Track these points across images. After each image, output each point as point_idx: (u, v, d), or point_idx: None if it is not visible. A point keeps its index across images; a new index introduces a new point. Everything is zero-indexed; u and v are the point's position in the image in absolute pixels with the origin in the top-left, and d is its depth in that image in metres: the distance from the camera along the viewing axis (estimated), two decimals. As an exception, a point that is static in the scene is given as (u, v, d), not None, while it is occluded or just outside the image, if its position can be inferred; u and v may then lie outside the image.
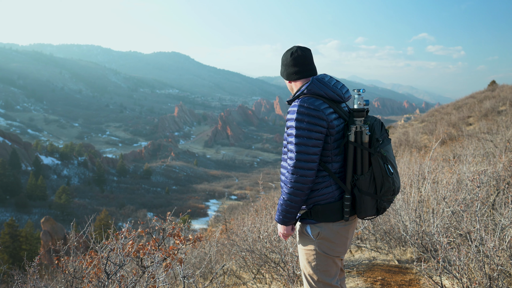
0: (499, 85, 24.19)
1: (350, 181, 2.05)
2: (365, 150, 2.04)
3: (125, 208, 57.89)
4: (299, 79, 2.19)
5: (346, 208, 2.06)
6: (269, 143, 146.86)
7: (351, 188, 2.06)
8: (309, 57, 2.18)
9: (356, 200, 2.06)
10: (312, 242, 2.13)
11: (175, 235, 3.47)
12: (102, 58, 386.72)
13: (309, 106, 2.00)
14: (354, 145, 2.04)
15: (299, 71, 2.18)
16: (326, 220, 2.07)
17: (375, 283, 3.67)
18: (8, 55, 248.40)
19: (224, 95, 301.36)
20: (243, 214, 10.04)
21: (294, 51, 2.17)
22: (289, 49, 2.21)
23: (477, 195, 3.52)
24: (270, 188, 38.56)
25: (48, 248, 4.96)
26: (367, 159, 2.04)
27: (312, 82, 2.08)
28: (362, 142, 2.04)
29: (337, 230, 2.10)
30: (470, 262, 2.95)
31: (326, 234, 2.09)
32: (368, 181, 2.03)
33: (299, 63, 2.17)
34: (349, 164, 2.05)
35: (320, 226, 2.09)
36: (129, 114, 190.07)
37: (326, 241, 2.09)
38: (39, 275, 3.40)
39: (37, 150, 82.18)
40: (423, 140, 16.12)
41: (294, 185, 1.99)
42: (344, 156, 2.09)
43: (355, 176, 2.05)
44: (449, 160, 6.85)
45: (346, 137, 2.06)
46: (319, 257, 2.12)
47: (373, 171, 2.03)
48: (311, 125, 1.98)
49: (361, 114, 2.05)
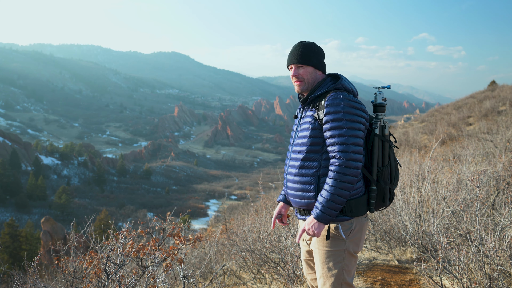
0: (499, 85, 24.18)
1: (375, 173, 2.10)
2: (386, 143, 2.13)
3: (125, 208, 57.87)
4: (325, 72, 2.23)
5: (372, 199, 2.09)
6: (269, 143, 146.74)
7: (376, 180, 2.11)
8: None
9: (379, 191, 2.11)
10: (341, 242, 2.07)
11: (175, 235, 3.47)
12: (102, 58, 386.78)
13: (354, 100, 2.05)
14: (380, 138, 2.12)
15: (325, 65, 2.23)
16: (358, 214, 2.07)
17: (375, 283, 3.67)
18: (8, 55, 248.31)
19: (224, 95, 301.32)
20: (243, 214, 10.05)
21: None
22: (309, 42, 2.21)
23: (477, 195, 3.51)
24: (270, 188, 38.54)
25: (48, 248, 4.96)
26: (387, 151, 2.14)
27: (342, 78, 2.15)
28: (384, 135, 2.14)
29: (363, 225, 2.12)
30: (470, 262, 2.95)
31: (357, 230, 2.09)
32: (388, 172, 2.13)
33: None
34: (376, 156, 2.11)
35: (351, 223, 2.07)
36: (129, 114, 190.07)
37: (355, 238, 2.09)
38: (39, 275, 3.40)
39: (37, 150, 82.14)
40: (423, 140, 16.12)
41: (347, 179, 1.95)
42: (368, 149, 2.14)
43: (378, 168, 2.11)
44: (449, 160, 6.85)
45: (373, 131, 2.13)
46: (348, 257, 2.08)
47: (390, 163, 2.15)
48: (359, 117, 2.02)
49: (383, 109, 2.17)
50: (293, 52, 2.20)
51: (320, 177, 2.06)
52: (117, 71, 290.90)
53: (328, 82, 2.15)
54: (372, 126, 2.15)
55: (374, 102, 2.21)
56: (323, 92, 2.11)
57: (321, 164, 2.06)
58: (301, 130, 2.16)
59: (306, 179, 2.08)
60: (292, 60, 2.19)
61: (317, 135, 2.08)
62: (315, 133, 2.08)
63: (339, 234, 2.06)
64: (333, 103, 2.01)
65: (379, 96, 2.20)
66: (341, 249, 2.07)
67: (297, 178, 2.11)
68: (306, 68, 2.16)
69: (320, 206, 1.99)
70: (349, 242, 2.07)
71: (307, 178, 2.08)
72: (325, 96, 2.08)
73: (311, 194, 2.07)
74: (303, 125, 2.15)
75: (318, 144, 2.08)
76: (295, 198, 2.16)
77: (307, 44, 2.19)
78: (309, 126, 2.10)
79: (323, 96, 2.10)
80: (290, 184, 2.17)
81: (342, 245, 2.07)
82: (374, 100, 2.21)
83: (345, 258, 2.07)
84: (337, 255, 2.07)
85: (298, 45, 2.19)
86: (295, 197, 2.15)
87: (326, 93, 2.10)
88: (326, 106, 2.03)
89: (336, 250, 2.07)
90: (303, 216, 2.18)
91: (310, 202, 2.08)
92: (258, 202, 8.90)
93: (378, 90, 2.21)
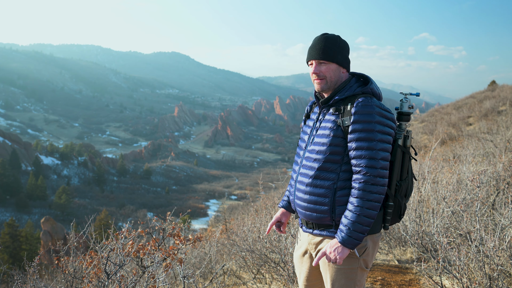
0: (499, 85, 24.16)
1: (394, 187, 1.90)
2: (406, 155, 1.92)
3: (125, 208, 57.87)
4: (349, 70, 1.99)
5: (388, 216, 1.90)
6: (269, 143, 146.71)
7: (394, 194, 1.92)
8: None
9: (395, 206, 1.93)
10: (355, 260, 1.90)
11: (175, 235, 3.47)
12: (102, 58, 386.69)
13: (386, 109, 1.83)
14: (402, 150, 1.91)
15: (349, 62, 1.98)
16: (373, 232, 1.89)
17: (375, 283, 3.67)
18: (8, 55, 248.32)
19: (224, 95, 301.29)
20: (243, 214, 10.05)
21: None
22: (334, 34, 1.94)
23: (477, 195, 3.52)
24: (270, 188, 38.54)
25: (48, 248, 4.97)
26: (407, 164, 1.93)
27: (372, 81, 1.93)
28: (406, 146, 1.93)
29: (377, 241, 1.96)
30: (470, 262, 2.95)
31: (371, 248, 1.92)
32: (406, 186, 1.94)
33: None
34: (397, 169, 1.89)
35: (366, 240, 1.89)
36: (129, 114, 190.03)
37: (369, 255, 1.93)
38: (39, 275, 3.40)
39: (37, 150, 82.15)
40: (423, 140, 16.11)
41: (374, 197, 1.76)
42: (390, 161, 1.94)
43: (397, 182, 1.91)
44: (449, 160, 6.85)
45: (396, 142, 1.90)
46: (360, 272, 1.93)
47: (408, 176, 1.96)
48: (389, 129, 1.82)
49: (409, 118, 1.94)
50: (315, 45, 1.92)
51: (336, 190, 1.85)
52: (117, 71, 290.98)
53: (354, 83, 1.93)
54: (396, 136, 1.92)
55: (399, 109, 1.97)
56: (349, 96, 1.89)
57: (339, 176, 1.85)
58: (319, 136, 1.92)
59: (321, 192, 1.87)
60: (314, 55, 1.91)
61: (338, 143, 1.85)
62: (337, 141, 1.85)
63: (353, 253, 1.89)
64: (363, 111, 1.79)
65: (405, 103, 1.96)
66: (354, 267, 1.91)
67: (310, 189, 1.90)
68: (329, 65, 1.90)
69: (345, 229, 1.78)
70: (362, 261, 1.92)
71: (322, 191, 1.87)
72: (352, 100, 1.85)
73: (325, 208, 1.87)
74: (322, 130, 1.91)
75: (339, 154, 1.85)
76: (305, 210, 1.95)
77: (331, 37, 1.91)
78: (329, 133, 1.87)
79: (349, 100, 1.87)
80: (300, 195, 1.95)
81: (355, 264, 1.90)
82: (400, 107, 1.98)
83: (357, 275, 1.92)
84: (349, 272, 1.91)
85: (321, 38, 1.92)
86: (306, 209, 1.94)
87: (352, 97, 1.87)
88: (354, 113, 1.80)
89: (349, 268, 1.91)
90: (310, 230, 1.98)
91: (324, 216, 1.89)
92: (258, 202, 8.90)
93: (405, 97, 1.98)
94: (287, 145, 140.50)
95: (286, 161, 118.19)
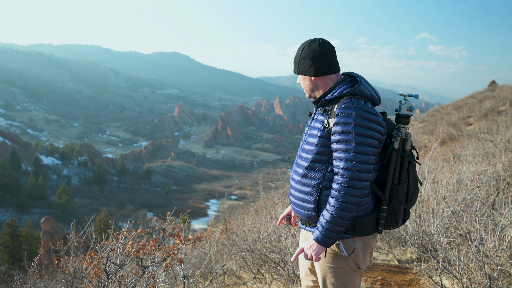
0: (499, 85, 24.16)
1: (389, 191, 1.91)
2: (405, 159, 1.91)
3: (125, 208, 57.86)
4: (330, 73, 1.94)
5: (381, 220, 1.90)
6: (269, 143, 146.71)
7: (389, 198, 1.92)
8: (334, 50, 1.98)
9: (390, 211, 1.92)
10: (344, 259, 1.92)
11: (175, 235, 3.47)
12: (102, 58, 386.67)
13: (368, 110, 1.80)
14: (399, 153, 1.90)
15: (330, 65, 1.93)
16: (362, 234, 1.89)
17: (375, 283, 3.67)
18: (8, 55, 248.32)
19: (224, 95, 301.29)
20: (243, 214, 10.05)
21: (321, 42, 1.93)
22: (311, 40, 1.95)
23: (477, 195, 3.52)
24: (270, 188, 38.55)
25: (48, 248, 4.97)
26: (406, 168, 1.92)
27: (361, 81, 1.89)
28: (404, 149, 1.91)
29: (369, 243, 1.95)
30: (470, 262, 2.95)
31: (360, 249, 1.92)
32: (404, 191, 1.93)
33: (330, 56, 1.93)
34: (391, 173, 1.90)
35: (354, 241, 1.90)
36: (129, 114, 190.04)
37: (359, 256, 1.93)
38: (39, 275, 3.40)
39: (37, 150, 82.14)
40: (423, 140, 16.11)
41: (349, 200, 1.76)
42: (383, 164, 1.93)
43: (393, 186, 1.91)
44: (449, 160, 6.85)
45: (391, 145, 1.91)
46: (351, 272, 1.94)
47: (409, 180, 1.95)
48: (372, 132, 1.79)
49: (408, 120, 1.92)
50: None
51: (322, 189, 1.88)
52: (117, 71, 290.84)
53: (345, 84, 1.91)
54: (392, 139, 1.91)
55: (398, 111, 1.95)
56: (337, 97, 1.88)
57: (325, 176, 1.87)
58: (309, 135, 1.96)
59: (307, 190, 1.92)
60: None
61: (325, 144, 1.87)
62: (323, 141, 1.87)
63: (341, 252, 1.91)
64: (344, 113, 1.79)
65: (404, 105, 1.93)
66: (343, 266, 1.93)
67: (299, 186, 1.96)
68: (299, 76, 2.01)
69: (320, 227, 1.82)
70: (351, 260, 1.93)
71: (309, 189, 1.91)
72: (338, 101, 1.85)
73: (310, 207, 1.91)
74: (312, 130, 1.95)
75: (325, 154, 1.87)
76: (295, 207, 2.02)
77: (299, 48, 1.97)
78: (317, 133, 1.90)
79: (337, 101, 1.86)
80: (292, 191, 2.02)
81: (344, 263, 1.93)
82: (398, 109, 1.95)
83: (347, 274, 1.94)
84: (338, 271, 1.94)
85: (299, 48, 1.98)
86: (296, 206, 2.01)
87: (340, 98, 1.87)
88: (336, 115, 1.81)
89: (338, 267, 1.94)
90: (303, 226, 2.04)
91: (309, 214, 1.93)
92: (258, 202, 8.90)
93: (404, 99, 1.94)
94: (287, 145, 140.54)
95: (286, 161, 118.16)
